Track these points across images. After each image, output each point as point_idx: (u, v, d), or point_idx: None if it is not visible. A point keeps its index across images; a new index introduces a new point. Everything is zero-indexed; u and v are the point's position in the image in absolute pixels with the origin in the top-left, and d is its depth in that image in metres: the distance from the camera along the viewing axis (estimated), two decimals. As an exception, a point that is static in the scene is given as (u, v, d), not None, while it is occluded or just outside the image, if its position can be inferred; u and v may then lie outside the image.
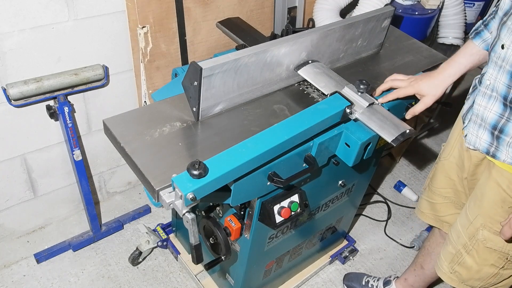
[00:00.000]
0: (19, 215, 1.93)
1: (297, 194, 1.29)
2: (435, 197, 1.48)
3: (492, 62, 1.09)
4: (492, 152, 1.16)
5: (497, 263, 1.25)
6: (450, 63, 1.26)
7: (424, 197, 1.55)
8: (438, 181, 1.45)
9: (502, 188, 1.16)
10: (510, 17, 1.02)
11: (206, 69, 1.06)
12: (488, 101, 1.12)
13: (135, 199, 2.23)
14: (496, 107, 1.10)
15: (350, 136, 1.19)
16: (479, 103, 1.15)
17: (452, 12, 2.18)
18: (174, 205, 0.96)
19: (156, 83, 1.86)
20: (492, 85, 1.10)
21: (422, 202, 1.56)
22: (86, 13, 1.58)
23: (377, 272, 2.04)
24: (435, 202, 1.49)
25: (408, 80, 1.28)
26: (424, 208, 1.54)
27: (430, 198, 1.51)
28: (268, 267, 1.61)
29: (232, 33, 1.71)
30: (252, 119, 1.20)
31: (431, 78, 1.25)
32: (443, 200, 1.46)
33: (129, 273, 1.90)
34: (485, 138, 1.16)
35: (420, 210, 1.57)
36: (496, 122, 1.11)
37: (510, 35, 1.01)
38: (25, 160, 1.78)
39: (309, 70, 1.31)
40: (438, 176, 1.45)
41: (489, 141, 1.15)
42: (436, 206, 1.49)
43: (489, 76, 1.11)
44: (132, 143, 1.07)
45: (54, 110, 1.64)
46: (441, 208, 1.48)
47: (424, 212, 1.55)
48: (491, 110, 1.12)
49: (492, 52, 1.10)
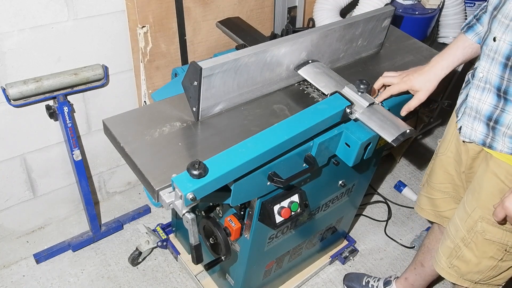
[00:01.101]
0: (18, 215, 1.92)
1: (297, 194, 1.29)
2: (434, 192, 1.49)
3: (485, 55, 1.11)
4: (488, 143, 1.16)
5: (496, 255, 1.26)
6: (443, 56, 1.25)
7: (423, 193, 1.55)
8: (437, 176, 1.46)
9: (500, 178, 1.17)
10: (499, 10, 1.04)
11: (206, 69, 1.06)
12: (482, 93, 1.14)
13: (135, 199, 2.23)
14: (490, 98, 1.12)
15: (350, 136, 1.19)
16: (473, 96, 1.16)
17: (453, 11, 2.18)
18: (174, 205, 0.96)
19: (156, 83, 1.85)
20: (485, 77, 1.11)
21: (421, 199, 1.56)
22: (86, 13, 1.58)
23: (377, 272, 2.03)
24: (434, 197, 1.49)
25: (400, 76, 1.28)
26: (424, 204, 1.55)
27: (429, 194, 1.51)
28: (268, 267, 1.61)
29: (232, 33, 1.71)
30: (252, 119, 1.19)
31: (424, 73, 1.25)
32: (442, 196, 1.47)
33: (129, 273, 1.90)
34: (481, 130, 1.17)
35: (420, 207, 1.57)
36: (491, 113, 1.13)
37: (501, 27, 1.03)
38: (24, 160, 1.78)
39: (309, 70, 1.31)
40: (436, 171, 1.46)
41: (484, 132, 1.16)
42: (436, 201, 1.50)
43: (481, 69, 1.12)
44: (132, 143, 1.07)
45: (53, 110, 1.64)
46: (441, 204, 1.49)
47: (424, 208, 1.55)
48: (485, 101, 1.13)
49: (484, 46, 1.11)
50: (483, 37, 1.12)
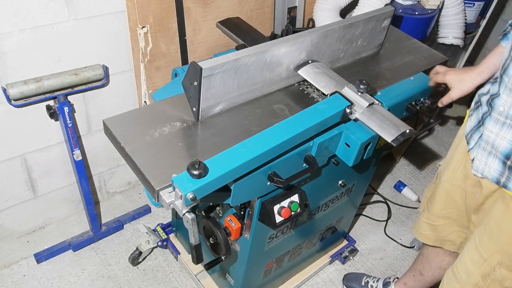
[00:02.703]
0: (19, 215, 1.93)
1: (297, 194, 1.29)
2: (436, 219, 1.42)
3: (506, 88, 1.03)
4: (503, 182, 1.09)
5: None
6: (482, 63, 1.23)
7: (423, 220, 1.47)
8: (439, 204, 1.39)
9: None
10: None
11: (206, 69, 1.06)
12: (501, 128, 1.06)
13: (135, 199, 2.23)
14: (510, 135, 1.04)
15: (350, 136, 1.19)
16: (490, 129, 1.09)
17: (452, 12, 2.17)
18: (174, 205, 0.96)
19: (156, 83, 1.86)
20: (506, 112, 1.04)
21: (421, 224, 1.48)
22: (86, 13, 1.58)
23: (377, 272, 2.03)
24: (436, 224, 1.42)
25: (446, 70, 1.29)
26: (424, 230, 1.48)
27: (430, 220, 1.44)
28: (268, 267, 1.61)
29: (232, 33, 1.71)
30: (252, 119, 1.19)
31: (462, 73, 1.25)
32: (444, 221, 1.40)
33: (129, 273, 1.90)
34: (496, 167, 1.09)
35: (419, 232, 1.49)
36: (509, 151, 1.05)
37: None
38: (25, 160, 1.78)
39: (309, 70, 1.31)
40: (439, 199, 1.38)
41: (499, 170, 1.09)
42: (438, 227, 1.42)
43: (503, 102, 1.04)
44: (132, 143, 1.07)
45: (54, 110, 1.64)
46: (443, 229, 1.41)
47: (424, 234, 1.48)
48: (504, 138, 1.05)
49: (504, 75, 1.03)
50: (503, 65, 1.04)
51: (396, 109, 1.35)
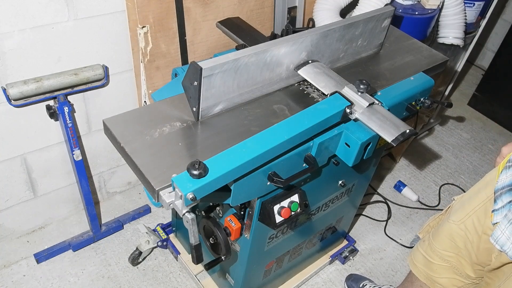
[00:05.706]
0: (19, 215, 1.93)
1: (297, 194, 1.29)
2: (434, 256, 1.31)
3: None
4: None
5: None
6: None
7: (421, 250, 1.36)
8: (441, 242, 1.29)
9: None
10: None
11: (206, 69, 1.06)
12: None
13: (135, 199, 2.23)
14: None
15: (350, 136, 1.19)
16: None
17: (452, 12, 2.18)
18: (174, 205, 0.96)
19: (156, 83, 1.85)
20: None
21: (417, 255, 1.38)
22: (86, 13, 1.58)
23: (377, 272, 2.04)
24: (432, 261, 1.32)
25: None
26: (419, 262, 1.37)
27: (427, 254, 1.33)
28: (268, 267, 1.61)
29: (232, 33, 1.71)
30: (252, 119, 1.19)
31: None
32: (442, 262, 1.30)
33: (129, 273, 1.90)
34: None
35: (413, 262, 1.39)
36: None
37: None
38: (25, 160, 1.78)
39: (309, 70, 1.31)
40: (443, 237, 1.28)
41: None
42: (433, 266, 1.32)
43: None
44: (132, 143, 1.07)
45: (54, 110, 1.64)
46: (438, 269, 1.31)
47: (417, 266, 1.37)
48: None
49: None
50: None
51: (396, 109, 1.35)
